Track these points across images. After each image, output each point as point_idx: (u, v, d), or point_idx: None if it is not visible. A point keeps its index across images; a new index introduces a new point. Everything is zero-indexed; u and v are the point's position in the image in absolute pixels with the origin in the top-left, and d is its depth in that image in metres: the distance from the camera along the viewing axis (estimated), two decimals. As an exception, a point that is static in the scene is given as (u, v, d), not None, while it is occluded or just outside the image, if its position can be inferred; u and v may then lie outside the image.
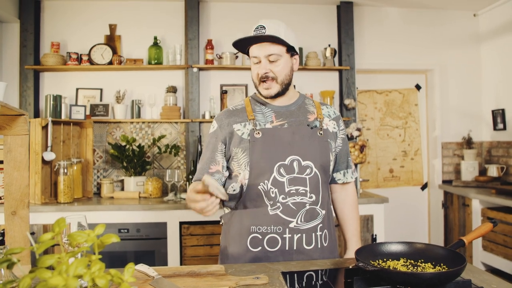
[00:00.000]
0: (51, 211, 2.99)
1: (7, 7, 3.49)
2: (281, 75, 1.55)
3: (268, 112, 1.62)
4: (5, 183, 1.25)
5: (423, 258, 1.33)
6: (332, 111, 1.70)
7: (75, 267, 0.61)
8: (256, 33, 1.52)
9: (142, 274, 1.36)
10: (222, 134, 1.62)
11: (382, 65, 3.99)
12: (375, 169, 4.14)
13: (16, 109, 1.19)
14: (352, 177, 1.76)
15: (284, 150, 1.55)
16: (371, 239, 3.18)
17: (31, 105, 3.62)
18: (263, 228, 1.56)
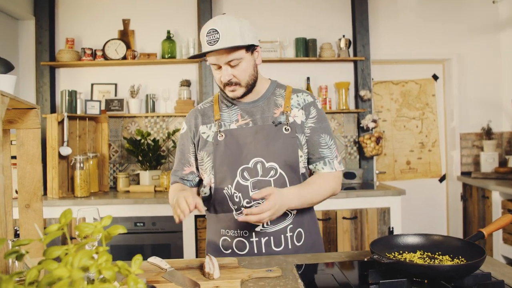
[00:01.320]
0: (68, 205, 3.03)
1: (23, 5, 3.52)
2: (244, 78, 1.46)
3: (234, 110, 1.56)
4: (18, 177, 1.26)
5: (441, 250, 1.30)
6: (302, 99, 1.56)
7: (80, 259, 0.60)
8: (209, 38, 1.38)
9: (155, 266, 1.36)
10: (191, 135, 1.60)
11: (398, 55, 3.91)
12: (392, 161, 4.08)
13: (27, 103, 1.19)
14: (324, 168, 1.54)
15: (247, 152, 1.49)
16: (388, 231, 3.14)
17: (47, 101, 3.66)
18: (231, 231, 1.54)
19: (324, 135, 1.55)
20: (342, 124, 3.84)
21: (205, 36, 1.40)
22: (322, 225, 3.12)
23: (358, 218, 3.15)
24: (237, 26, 1.41)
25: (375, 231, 3.15)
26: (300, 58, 3.73)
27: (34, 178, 1.28)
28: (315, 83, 3.83)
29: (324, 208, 3.12)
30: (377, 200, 3.15)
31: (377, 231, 3.15)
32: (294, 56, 3.80)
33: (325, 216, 3.12)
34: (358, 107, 3.80)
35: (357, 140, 3.80)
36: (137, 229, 3.08)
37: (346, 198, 3.13)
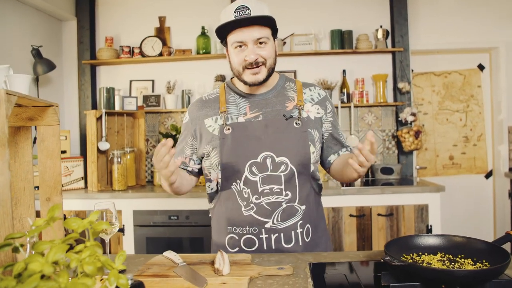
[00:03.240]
0: (106, 198, 3.14)
1: (66, 7, 3.68)
2: (269, 59, 1.42)
3: (242, 102, 1.50)
4: (39, 171, 1.31)
5: (463, 253, 1.22)
6: (316, 93, 1.53)
7: (54, 253, 0.61)
8: (237, 14, 1.35)
9: (169, 260, 1.37)
10: (193, 127, 1.54)
11: (440, 45, 3.71)
12: (433, 156, 3.89)
13: (44, 101, 1.24)
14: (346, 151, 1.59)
15: (256, 146, 1.43)
16: (426, 230, 3.01)
17: (88, 98, 3.82)
18: (239, 229, 1.48)
19: (338, 126, 1.62)
20: (380, 118, 3.71)
21: (233, 13, 1.36)
22: (356, 221, 3.04)
23: (394, 215, 3.03)
24: (267, 8, 1.43)
25: (412, 229, 3.02)
26: (336, 50, 3.64)
27: (54, 172, 1.33)
28: (351, 76, 3.73)
29: (358, 204, 3.04)
30: (414, 196, 3.02)
31: (414, 229, 3.02)
32: (330, 49, 3.72)
33: (359, 212, 3.04)
34: (396, 100, 3.66)
35: (395, 134, 3.66)
36: (171, 222, 3.15)
37: (381, 194, 3.02)
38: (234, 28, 1.38)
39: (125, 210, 3.16)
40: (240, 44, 1.39)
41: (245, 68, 1.41)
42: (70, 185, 3.35)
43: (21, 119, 1.29)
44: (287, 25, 3.73)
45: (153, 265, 1.33)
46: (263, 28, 1.39)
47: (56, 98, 3.79)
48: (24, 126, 1.32)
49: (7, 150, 0.92)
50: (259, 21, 1.37)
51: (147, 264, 1.34)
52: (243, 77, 1.43)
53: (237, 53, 1.41)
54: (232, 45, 1.41)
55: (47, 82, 3.65)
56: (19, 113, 1.28)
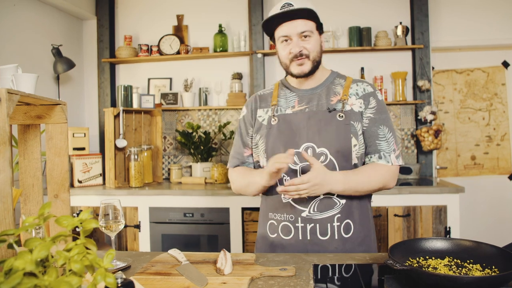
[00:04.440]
0: (123, 195, 3.19)
1: (86, 6, 3.75)
2: (313, 52, 1.48)
3: (291, 96, 1.59)
4: (47, 169, 1.34)
5: (473, 258, 1.18)
6: (362, 89, 1.54)
7: (38, 251, 0.62)
8: (283, 10, 1.44)
9: (173, 258, 1.38)
10: (249, 119, 1.65)
11: (462, 42, 3.60)
12: (455, 156, 3.79)
13: (51, 99, 1.26)
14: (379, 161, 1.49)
15: (299, 137, 1.50)
16: (444, 231, 2.93)
17: (108, 96, 3.88)
18: (278, 215, 1.54)
19: (383, 127, 1.51)
20: (399, 117, 3.64)
21: (279, 9, 1.45)
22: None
23: (411, 215, 2.97)
24: (310, 2, 1.49)
25: (429, 230, 2.95)
26: (354, 47, 3.58)
27: (62, 169, 1.35)
28: (369, 73, 3.66)
29: (374, 204, 2.98)
30: (432, 197, 2.95)
31: (432, 231, 2.95)
32: (348, 46, 3.66)
33: (376, 212, 2.99)
34: (416, 98, 3.57)
35: (415, 134, 3.58)
36: (186, 219, 3.17)
37: (398, 194, 2.96)
38: (279, 23, 1.48)
39: (142, 207, 3.20)
40: (285, 38, 1.48)
41: (291, 61, 1.49)
42: (89, 182, 3.42)
43: (29, 117, 1.32)
44: (304, 22, 3.69)
45: (157, 263, 1.34)
46: (306, 21, 1.46)
47: (77, 96, 3.87)
48: (33, 124, 1.34)
49: (8, 148, 0.93)
50: (301, 14, 1.44)
51: (151, 262, 1.35)
52: (290, 69, 1.51)
53: (283, 47, 1.50)
54: (279, 40, 1.51)
55: (67, 80, 3.73)
56: (27, 111, 1.31)
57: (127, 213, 3.21)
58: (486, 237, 3.59)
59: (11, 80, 1.15)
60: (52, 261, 0.73)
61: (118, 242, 3.24)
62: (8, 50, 2.98)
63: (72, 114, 3.76)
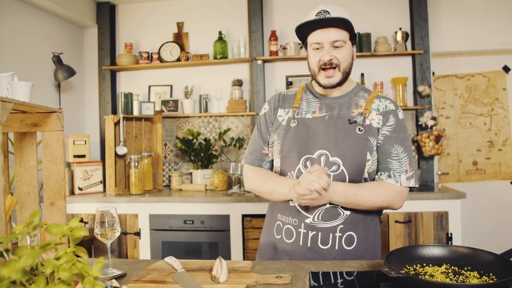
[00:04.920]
0: (123, 202, 3.19)
1: (87, 14, 3.77)
2: (344, 62, 1.46)
3: (314, 102, 1.57)
4: (44, 176, 1.34)
5: (470, 265, 1.17)
6: (383, 105, 1.50)
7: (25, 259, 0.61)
8: (319, 16, 1.43)
9: (169, 266, 1.37)
10: (271, 116, 1.63)
11: (462, 47, 3.60)
12: (456, 161, 3.77)
13: (46, 107, 1.26)
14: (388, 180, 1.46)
15: (314, 142, 1.48)
16: (445, 238, 2.91)
17: (108, 103, 3.89)
18: (284, 217, 1.54)
19: (398, 146, 1.48)
20: (399, 122, 3.62)
21: (314, 16, 1.44)
22: (373, 228, 2.97)
23: (413, 222, 2.95)
24: (347, 12, 1.48)
25: (431, 236, 2.93)
26: (354, 53, 3.58)
27: (58, 177, 1.35)
28: (369, 79, 3.66)
29: (375, 210, 2.97)
30: (433, 203, 2.93)
31: (434, 237, 2.93)
32: (347, 52, 3.66)
33: (376, 219, 2.97)
34: (416, 104, 3.57)
35: (415, 139, 3.57)
36: (186, 227, 3.16)
37: (399, 200, 2.94)
38: (313, 29, 1.46)
39: (142, 214, 3.20)
40: (317, 46, 1.46)
41: (321, 70, 1.47)
42: (89, 189, 3.42)
43: (26, 125, 1.32)
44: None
45: (153, 271, 1.33)
46: (340, 30, 1.44)
47: (78, 103, 3.89)
48: (29, 132, 1.34)
49: (2, 156, 0.93)
50: (336, 23, 1.43)
51: (147, 270, 1.34)
52: (318, 79, 1.50)
53: (315, 54, 1.48)
54: (311, 46, 1.49)
55: (68, 88, 3.74)
56: (23, 119, 1.31)
57: (127, 220, 3.21)
58: (488, 243, 3.56)
59: (6, 88, 1.15)
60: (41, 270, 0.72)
61: (118, 250, 3.23)
62: (9, 58, 3.00)
63: (73, 122, 3.77)
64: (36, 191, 1.36)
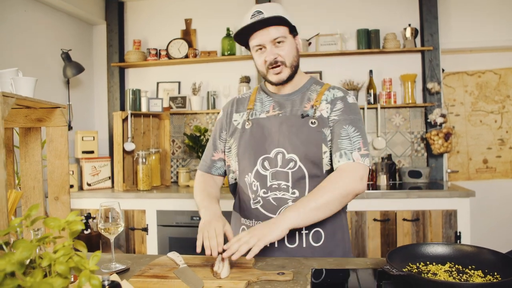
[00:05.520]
0: (131, 198, 3.21)
1: (96, 11, 3.79)
2: (289, 58, 1.46)
3: (267, 101, 1.57)
4: (48, 171, 1.35)
5: (475, 263, 1.15)
6: (332, 94, 1.50)
7: (20, 252, 0.62)
8: (254, 20, 1.41)
9: (172, 262, 1.37)
10: (225, 122, 1.64)
11: (473, 43, 3.55)
12: (466, 159, 3.73)
13: (50, 103, 1.27)
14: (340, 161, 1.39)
15: (269, 142, 1.48)
16: (454, 236, 2.88)
17: (117, 100, 3.91)
18: (248, 221, 1.53)
19: (348, 126, 1.43)
20: (408, 120, 3.59)
21: (249, 19, 1.43)
22: (380, 226, 2.95)
23: (421, 220, 2.92)
24: (281, 8, 1.47)
25: (439, 235, 2.91)
26: (362, 50, 3.55)
27: (62, 172, 1.36)
28: (378, 76, 3.63)
29: (382, 208, 2.95)
30: (442, 201, 2.90)
31: (442, 236, 2.90)
32: (356, 49, 3.63)
33: (384, 216, 2.95)
34: (425, 101, 3.53)
35: (424, 137, 3.54)
36: (193, 222, 3.17)
37: (406, 198, 2.92)
38: (252, 32, 1.45)
39: (149, 210, 3.22)
40: (260, 47, 1.46)
41: (268, 69, 1.46)
42: (98, 185, 3.45)
43: (30, 120, 1.33)
44: (312, 25, 3.68)
45: (155, 266, 1.34)
46: (278, 27, 1.43)
47: (87, 100, 3.92)
48: (34, 127, 1.36)
49: (3, 150, 0.94)
50: (272, 21, 1.42)
51: (149, 265, 1.35)
52: (268, 78, 1.49)
53: (259, 56, 1.48)
54: (253, 49, 1.49)
55: (78, 84, 3.77)
56: (28, 114, 1.32)
57: (135, 216, 3.23)
58: (497, 242, 3.52)
59: (10, 84, 1.16)
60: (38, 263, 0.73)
61: (126, 245, 3.25)
62: (19, 55, 3.03)
63: (82, 118, 3.80)
64: (40, 185, 1.37)
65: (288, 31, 1.46)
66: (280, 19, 1.41)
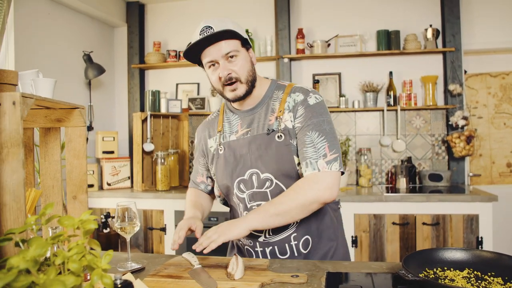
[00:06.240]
0: (149, 198, 3.25)
1: (118, 14, 3.86)
2: (243, 73, 1.39)
3: (234, 120, 1.52)
4: (67, 171, 1.37)
5: (494, 270, 1.12)
6: (293, 100, 1.43)
7: (33, 249, 0.63)
8: (203, 34, 1.34)
9: (187, 262, 1.38)
10: (201, 148, 1.64)
11: (496, 44, 3.46)
12: (489, 163, 3.64)
13: (69, 103, 1.29)
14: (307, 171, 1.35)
15: (243, 164, 1.45)
16: (475, 242, 2.81)
17: (137, 101, 3.97)
18: (239, 241, 1.56)
19: (311, 132, 1.37)
20: (429, 122, 3.53)
21: (199, 35, 1.36)
22: (399, 230, 2.91)
23: (441, 224, 2.87)
24: (230, 22, 1.39)
25: (460, 240, 2.84)
26: (382, 51, 3.51)
27: (80, 172, 1.38)
28: (398, 78, 3.58)
29: (402, 212, 2.90)
30: (463, 205, 2.83)
31: (463, 241, 2.84)
32: (376, 50, 3.59)
33: (403, 220, 2.91)
34: (447, 103, 3.46)
35: (446, 139, 3.47)
36: (210, 223, 3.18)
37: (426, 202, 2.87)
38: (202, 49, 1.38)
39: (167, 210, 3.25)
40: (212, 63, 1.39)
41: (224, 85, 1.40)
42: (117, 184, 3.50)
43: (50, 121, 1.36)
44: (331, 26, 3.66)
45: (170, 266, 1.35)
46: (229, 41, 1.36)
47: (108, 101, 3.98)
48: (53, 127, 1.39)
49: (22, 150, 0.96)
50: (222, 36, 1.35)
51: (165, 264, 1.36)
52: (225, 94, 1.43)
53: (212, 72, 1.41)
54: (206, 66, 1.41)
55: (99, 86, 3.84)
56: (47, 114, 1.35)
57: (153, 216, 3.27)
58: (523, 249, 3.42)
59: (30, 85, 1.19)
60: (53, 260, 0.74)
61: (144, 244, 3.29)
62: (42, 56, 3.11)
63: (103, 118, 3.87)
64: (59, 184, 1.40)
65: (241, 44, 1.40)
66: (230, 32, 1.34)
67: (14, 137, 0.95)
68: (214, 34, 1.32)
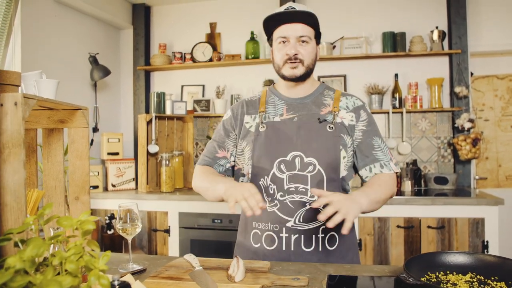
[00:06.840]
0: (153, 199, 3.25)
1: (123, 16, 3.88)
2: (308, 58, 1.47)
3: (280, 104, 1.55)
4: (69, 172, 1.38)
5: (498, 275, 1.10)
6: (352, 102, 1.54)
7: (30, 249, 0.63)
8: (286, 11, 1.44)
9: (188, 264, 1.38)
10: (234, 123, 1.59)
11: (504, 46, 3.42)
12: (495, 166, 3.60)
13: (71, 104, 1.30)
14: (382, 171, 1.49)
15: (287, 145, 1.46)
16: (481, 245, 2.79)
17: (142, 102, 3.98)
18: (262, 225, 1.50)
19: (376, 138, 1.53)
20: (435, 124, 3.50)
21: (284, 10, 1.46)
22: (404, 233, 2.89)
23: (446, 228, 2.84)
24: (312, 11, 1.48)
25: (465, 244, 2.82)
26: (388, 53, 3.49)
27: (83, 172, 1.39)
28: (404, 80, 3.56)
29: (406, 215, 2.88)
30: (468, 209, 2.81)
31: (468, 245, 2.81)
32: (381, 52, 3.58)
33: (408, 223, 2.88)
34: (453, 105, 3.43)
35: (451, 142, 3.44)
36: (214, 225, 3.19)
37: (431, 205, 2.85)
38: (280, 24, 1.47)
39: (171, 212, 3.25)
40: (283, 40, 1.46)
41: (285, 63, 1.47)
42: (122, 186, 3.51)
43: (53, 122, 1.37)
44: (336, 28, 3.65)
45: (171, 267, 1.34)
46: (306, 26, 1.46)
47: (113, 102, 4.00)
48: (56, 128, 1.39)
49: (23, 150, 0.97)
50: (302, 18, 1.44)
51: (166, 266, 1.36)
52: (282, 71, 1.49)
53: (280, 48, 1.48)
54: (276, 40, 1.49)
55: (105, 87, 3.86)
56: (50, 115, 1.36)
57: (157, 217, 3.27)
58: (530, 253, 3.38)
59: (34, 86, 1.20)
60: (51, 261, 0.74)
61: (148, 246, 3.30)
62: (48, 58, 3.13)
63: (108, 120, 3.89)
64: (62, 185, 1.40)
65: (314, 34, 1.50)
66: (310, 16, 1.45)
67: (16, 138, 0.96)
68: (297, 12, 1.43)
